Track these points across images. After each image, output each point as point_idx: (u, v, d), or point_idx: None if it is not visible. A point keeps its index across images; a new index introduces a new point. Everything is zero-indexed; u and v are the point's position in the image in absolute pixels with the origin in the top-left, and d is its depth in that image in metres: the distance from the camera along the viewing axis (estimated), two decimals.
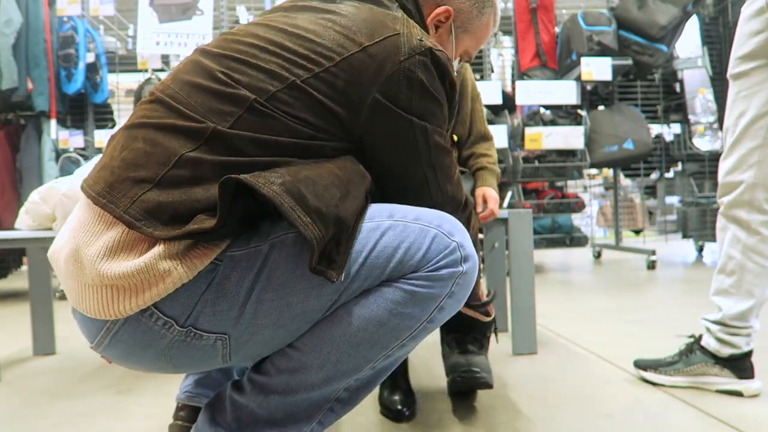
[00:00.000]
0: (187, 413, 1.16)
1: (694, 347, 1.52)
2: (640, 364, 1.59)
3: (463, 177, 1.80)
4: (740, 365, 1.44)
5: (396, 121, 0.89)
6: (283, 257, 0.81)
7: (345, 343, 0.84)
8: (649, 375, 1.56)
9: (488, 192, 1.80)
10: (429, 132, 0.92)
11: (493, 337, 1.97)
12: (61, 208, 1.81)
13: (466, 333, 1.45)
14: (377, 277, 0.84)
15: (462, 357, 1.41)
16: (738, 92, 1.42)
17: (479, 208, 1.78)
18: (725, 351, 1.46)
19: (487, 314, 1.42)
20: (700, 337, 1.53)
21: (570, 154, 4.41)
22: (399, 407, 1.38)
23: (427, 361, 1.91)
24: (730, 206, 1.44)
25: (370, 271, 0.84)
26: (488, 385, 1.37)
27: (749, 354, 1.46)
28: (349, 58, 0.86)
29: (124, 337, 0.80)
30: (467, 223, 1.02)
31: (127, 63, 4.34)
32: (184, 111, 0.83)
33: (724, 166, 1.45)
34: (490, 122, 4.20)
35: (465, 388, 1.41)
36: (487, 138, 1.89)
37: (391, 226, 0.86)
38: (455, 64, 1.14)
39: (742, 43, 1.40)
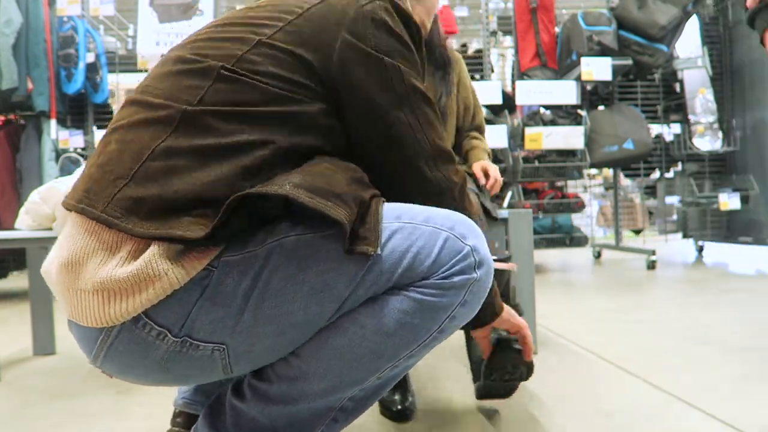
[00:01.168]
0: (184, 420, 1.15)
1: None
2: None
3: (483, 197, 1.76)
4: None
5: (367, 60, 0.87)
6: (282, 262, 0.76)
7: (349, 353, 0.80)
8: None
9: (485, 163, 1.78)
10: (403, 72, 0.89)
11: None
12: (61, 208, 1.81)
13: None
14: (384, 284, 0.79)
15: (496, 335, 1.27)
16: None
17: (482, 181, 1.74)
18: None
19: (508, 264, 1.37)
20: None
21: (570, 154, 4.41)
22: (399, 407, 1.38)
23: (427, 359, 1.91)
24: None
25: (377, 278, 0.79)
26: (529, 367, 1.28)
27: None
28: (310, 9, 0.88)
29: (119, 348, 0.77)
30: (460, 188, 0.96)
31: (127, 63, 4.34)
32: (153, 101, 0.82)
33: None
34: (490, 122, 4.20)
35: (510, 365, 1.28)
36: (481, 130, 1.93)
37: (399, 228, 0.81)
38: None
39: None
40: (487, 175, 1.76)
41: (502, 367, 1.27)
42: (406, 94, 0.89)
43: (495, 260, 1.26)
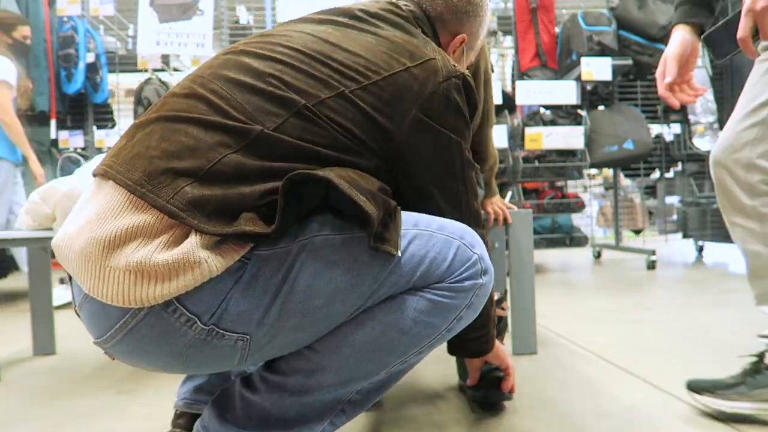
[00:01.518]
0: (185, 421, 1.15)
1: (761, 367, 1.26)
2: (693, 387, 1.31)
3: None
4: None
5: (436, 136, 0.95)
6: (311, 259, 0.81)
7: (366, 347, 0.85)
8: (706, 399, 1.28)
9: (495, 201, 1.89)
10: (462, 148, 0.99)
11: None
12: (61, 208, 1.81)
13: None
14: (404, 285, 0.86)
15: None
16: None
17: (491, 222, 1.85)
18: None
19: (503, 309, 1.46)
20: (763, 355, 1.27)
21: (570, 154, 4.41)
22: None
23: (426, 360, 1.91)
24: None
25: (398, 279, 0.85)
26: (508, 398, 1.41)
27: None
28: (394, 75, 0.92)
29: (142, 332, 0.78)
30: (483, 239, 1.05)
31: (127, 63, 4.34)
32: (228, 110, 0.84)
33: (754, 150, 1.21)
34: None
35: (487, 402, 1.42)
36: (492, 124, 1.99)
37: (417, 234, 0.89)
38: None
39: None
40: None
41: (483, 397, 1.41)
42: (463, 167, 1.00)
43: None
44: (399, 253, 0.83)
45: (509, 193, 4.38)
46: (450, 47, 1.17)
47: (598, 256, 5.31)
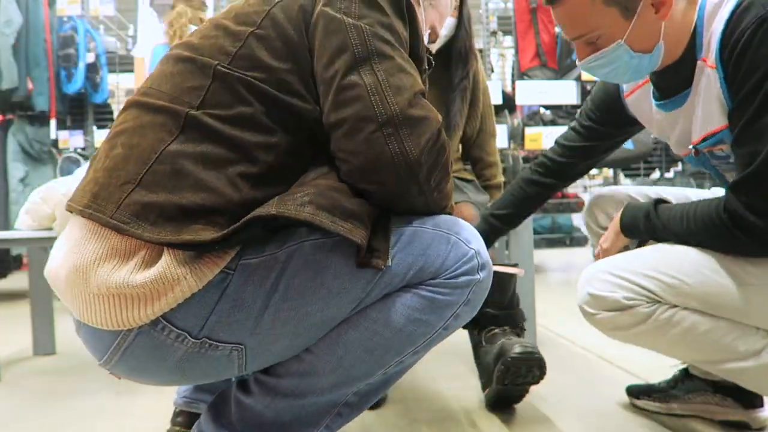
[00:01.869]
0: (184, 419, 1.15)
1: (690, 372, 1.34)
2: (632, 391, 1.42)
3: (472, 186, 1.77)
4: (745, 393, 1.22)
5: (330, 23, 0.83)
6: (302, 266, 0.79)
7: (360, 347, 0.83)
8: (643, 403, 1.38)
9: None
10: (366, 32, 0.82)
11: None
12: (61, 208, 1.81)
13: (501, 325, 1.44)
14: (397, 284, 0.83)
15: (508, 339, 1.36)
16: None
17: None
18: (714, 377, 1.27)
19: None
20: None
21: None
22: None
23: (425, 360, 1.91)
24: None
25: (391, 279, 0.83)
26: (542, 368, 1.32)
27: None
28: None
29: (136, 352, 0.78)
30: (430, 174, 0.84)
31: (127, 63, 4.33)
32: (157, 103, 0.82)
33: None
34: None
35: (524, 367, 1.31)
36: (494, 135, 1.93)
37: (411, 232, 0.85)
38: (425, 37, 1.11)
39: None
40: None
41: (516, 370, 1.30)
42: (368, 55, 0.81)
43: (504, 264, 1.30)
44: (389, 262, 0.80)
45: None
46: None
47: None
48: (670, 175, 5.25)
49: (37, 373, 1.91)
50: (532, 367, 1.30)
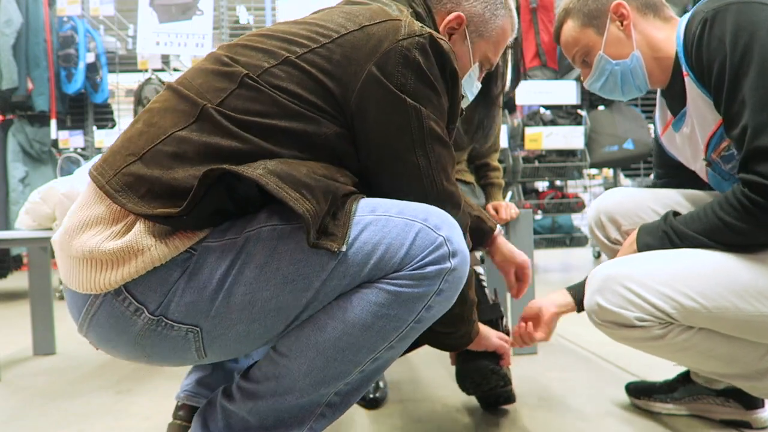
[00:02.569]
0: (186, 413, 1.16)
1: (692, 377, 1.34)
2: (632, 391, 1.42)
3: (468, 189, 1.84)
4: (747, 394, 1.22)
5: (388, 98, 0.85)
6: (258, 250, 0.79)
7: (330, 348, 0.82)
8: (643, 403, 1.39)
9: (496, 204, 1.91)
10: (423, 115, 0.87)
11: None
12: (61, 208, 1.81)
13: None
14: (355, 276, 0.80)
15: (477, 362, 1.32)
16: None
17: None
18: (718, 385, 1.28)
19: (495, 297, 1.42)
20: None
21: (570, 154, 4.41)
22: (371, 395, 1.44)
23: (425, 360, 1.91)
24: None
25: (348, 269, 0.80)
26: (509, 400, 1.37)
27: None
28: (346, 35, 0.87)
29: (101, 320, 0.81)
30: (463, 227, 0.94)
31: (127, 63, 4.33)
32: (185, 92, 0.86)
33: None
34: None
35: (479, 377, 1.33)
36: (498, 149, 2.03)
37: (371, 221, 0.82)
38: (475, 70, 1.13)
39: None
40: (497, 210, 1.88)
41: (470, 378, 1.33)
42: (423, 138, 0.88)
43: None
44: (344, 248, 0.78)
45: (509, 193, 4.39)
46: (442, 26, 1.06)
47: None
48: None
49: (37, 373, 1.91)
50: (486, 375, 1.31)
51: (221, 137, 0.81)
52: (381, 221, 0.82)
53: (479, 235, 1.33)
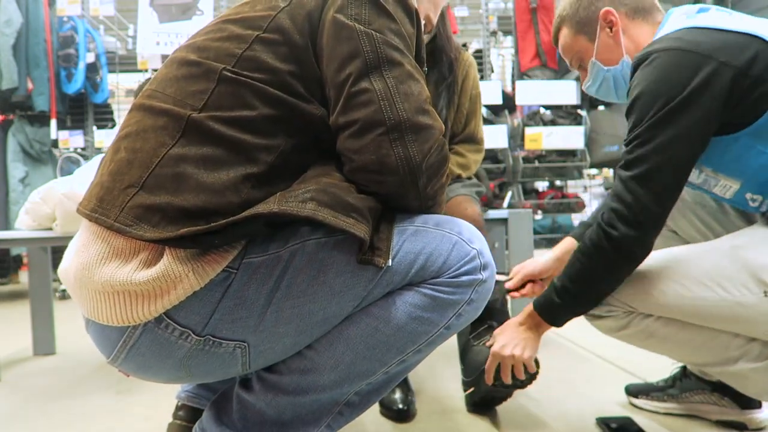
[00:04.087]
0: (186, 413, 1.16)
1: (688, 371, 1.37)
2: (631, 391, 1.45)
3: (463, 186, 1.65)
4: (742, 394, 1.22)
5: (340, 30, 0.83)
6: (304, 264, 0.79)
7: (361, 344, 0.83)
8: (641, 402, 1.41)
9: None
10: (377, 40, 0.83)
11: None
12: (61, 208, 1.81)
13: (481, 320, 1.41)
14: (399, 282, 0.84)
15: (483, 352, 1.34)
16: None
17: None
18: (711, 377, 1.30)
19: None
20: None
21: (570, 154, 4.41)
22: (399, 406, 1.37)
23: (429, 358, 1.91)
24: None
25: (392, 277, 0.83)
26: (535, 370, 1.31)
27: None
28: None
29: (141, 349, 0.79)
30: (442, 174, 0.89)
31: (127, 63, 4.34)
32: (160, 106, 0.82)
33: None
34: (490, 122, 4.20)
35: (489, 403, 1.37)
36: (474, 140, 1.76)
37: (413, 231, 0.85)
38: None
39: None
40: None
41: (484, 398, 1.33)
42: (378, 62, 0.82)
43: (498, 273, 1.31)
44: (390, 262, 0.81)
45: (509, 193, 4.39)
46: None
47: None
48: None
49: (37, 373, 1.91)
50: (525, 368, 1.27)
51: (215, 146, 0.79)
52: (421, 232, 0.85)
53: None
